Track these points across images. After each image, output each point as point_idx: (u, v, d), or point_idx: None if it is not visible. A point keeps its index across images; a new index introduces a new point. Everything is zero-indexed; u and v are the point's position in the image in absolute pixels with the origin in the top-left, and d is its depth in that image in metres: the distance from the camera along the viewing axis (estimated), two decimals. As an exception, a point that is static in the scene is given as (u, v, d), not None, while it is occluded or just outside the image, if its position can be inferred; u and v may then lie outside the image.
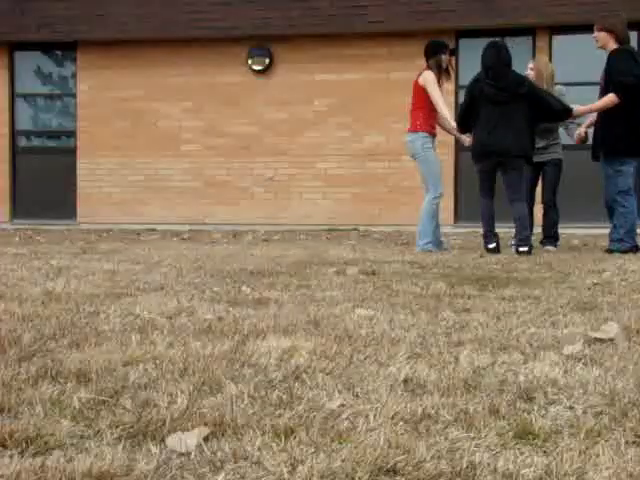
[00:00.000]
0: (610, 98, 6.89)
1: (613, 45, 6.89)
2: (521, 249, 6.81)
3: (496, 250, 6.89)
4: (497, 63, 6.96)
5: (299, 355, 2.52)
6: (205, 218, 12.97)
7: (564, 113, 7.08)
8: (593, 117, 7.30)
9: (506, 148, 6.87)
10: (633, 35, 10.72)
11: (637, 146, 6.92)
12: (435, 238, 7.42)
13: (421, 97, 7.34)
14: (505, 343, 2.75)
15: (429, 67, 7.38)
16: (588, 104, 7.21)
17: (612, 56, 6.87)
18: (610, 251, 6.86)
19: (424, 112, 7.34)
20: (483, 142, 6.98)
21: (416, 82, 7.41)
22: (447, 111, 7.35)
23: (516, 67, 7.17)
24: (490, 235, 6.99)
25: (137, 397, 2.04)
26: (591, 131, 7.33)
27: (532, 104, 6.89)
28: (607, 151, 6.93)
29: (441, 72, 7.41)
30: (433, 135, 7.46)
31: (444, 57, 7.41)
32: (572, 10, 11.56)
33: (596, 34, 7.00)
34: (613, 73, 6.85)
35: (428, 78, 7.27)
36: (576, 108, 7.11)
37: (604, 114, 6.96)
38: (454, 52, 7.47)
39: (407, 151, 7.68)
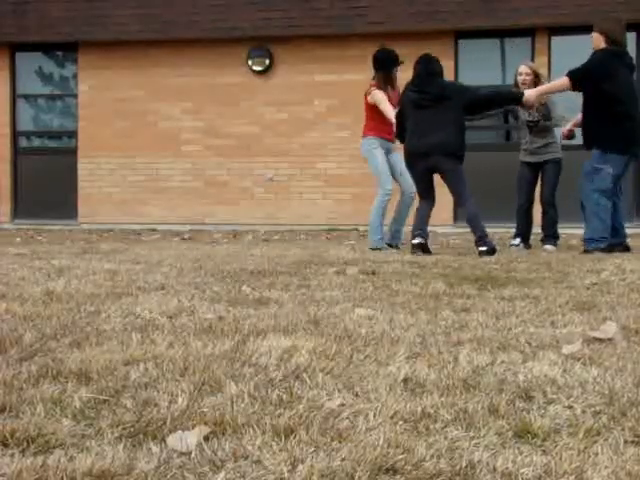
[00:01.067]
0: (561, 80, 7.01)
1: (603, 46, 6.93)
2: (480, 249, 6.64)
3: (420, 246, 6.75)
4: (423, 72, 7.07)
5: (299, 355, 2.53)
6: (205, 218, 12.98)
7: (511, 98, 7.27)
8: (578, 119, 7.33)
9: (433, 147, 6.85)
10: (632, 36, 10.78)
11: (621, 141, 6.88)
12: (394, 231, 7.74)
13: (371, 111, 7.68)
14: (504, 343, 2.76)
15: (377, 81, 7.63)
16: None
17: (595, 53, 6.93)
18: (588, 251, 6.70)
19: (374, 122, 7.67)
20: (414, 145, 7.00)
21: (366, 97, 7.70)
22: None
23: (512, 68, 7.20)
24: (418, 232, 6.88)
25: (138, 396, 2.05)
26: None
27: (467, 100, 6.96)
28: (595, 142, 6.89)
29: (391, 84, 7.67)
30: (385, 139, 7.67)
31: (394, 70, 7.69)
32: (571, 11, 11.57)
33: (592, 35, 7.05)
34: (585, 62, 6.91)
35: (377, 97, 7.54)
36: (527, 93, 7.08)
37: (586, 111, 6.98)
38: (402, 63, 7.62)
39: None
